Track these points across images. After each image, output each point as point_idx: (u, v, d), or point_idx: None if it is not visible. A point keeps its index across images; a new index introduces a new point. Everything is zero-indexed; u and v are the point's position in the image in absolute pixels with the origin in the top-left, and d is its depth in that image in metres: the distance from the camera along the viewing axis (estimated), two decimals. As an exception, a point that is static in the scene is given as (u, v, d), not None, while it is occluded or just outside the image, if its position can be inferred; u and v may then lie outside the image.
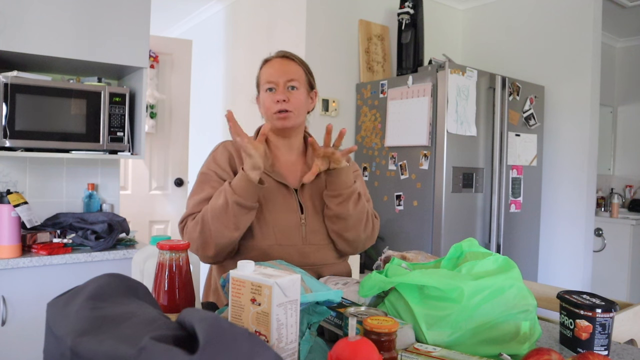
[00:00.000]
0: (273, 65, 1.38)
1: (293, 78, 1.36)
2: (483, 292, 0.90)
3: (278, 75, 1.35)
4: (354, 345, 0.66)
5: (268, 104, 1.35)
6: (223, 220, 1.22)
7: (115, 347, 0.54)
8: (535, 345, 0.93)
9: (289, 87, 1.35)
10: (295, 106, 1.35)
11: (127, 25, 2.21)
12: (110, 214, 2.32)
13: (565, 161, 3.21)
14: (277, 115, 1.34)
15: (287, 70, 1.36)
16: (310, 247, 1.34)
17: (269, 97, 1.35)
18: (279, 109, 1.33)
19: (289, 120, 1.35)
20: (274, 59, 1.39)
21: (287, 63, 1.38)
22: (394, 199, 2.88)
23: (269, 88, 1.35)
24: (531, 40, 3.40)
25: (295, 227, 1.33)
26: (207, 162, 1.40)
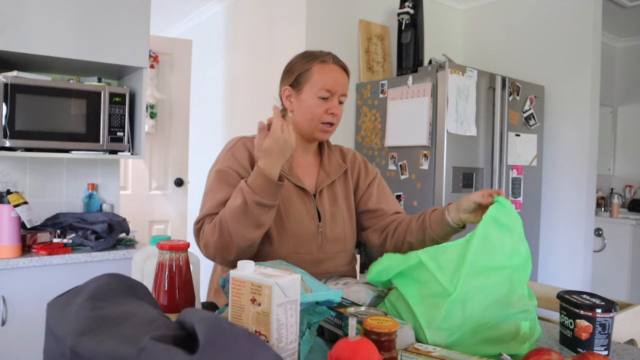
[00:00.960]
0: (333, 73, 1.32)
1: (345, 93, 1.34)
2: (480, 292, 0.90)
3: (337, 86, 1.30)
4: (354, 345, 0.66)
5: (318, 112, 1.29)
6: (243, 222, 1.15)
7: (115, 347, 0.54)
8: (535, 345, 0.93)
9: (339, 102, 1.33)
10: (339, 120, 1.34)
11: (127, 25, 2.21)
12: (110, 214, 2.32)
13: (565, 161, 3.21)
14: (324, 127, 1.31)
15: (344, 83, 1.33)
16: (325, 255, 1.31)
17: (321, 105, 1.29)
18: (330, 121, 1.30)
19: (331, 133, 1.33)
20: (333, 65, 1.33)
21: (344, 75, 1.35)
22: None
23: (324, 96, 1.29)
24: (531, 40, 3.40)
25: (312, 236, 1.29)
26: (225, 158, 1.31)
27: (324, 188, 1.34)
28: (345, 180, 1.41)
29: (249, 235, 1.17)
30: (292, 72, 1.35)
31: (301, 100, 1.32)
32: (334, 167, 1.39)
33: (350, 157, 1.46)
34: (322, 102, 1.29)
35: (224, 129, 3.83)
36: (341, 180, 1.39)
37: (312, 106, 1.29)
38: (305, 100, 1.31)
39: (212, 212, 1.24)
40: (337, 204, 1.35)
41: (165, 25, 4.55)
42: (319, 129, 1.31)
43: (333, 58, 1.35)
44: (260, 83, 3.40)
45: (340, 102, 1.33)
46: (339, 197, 1.36)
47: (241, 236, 1.16)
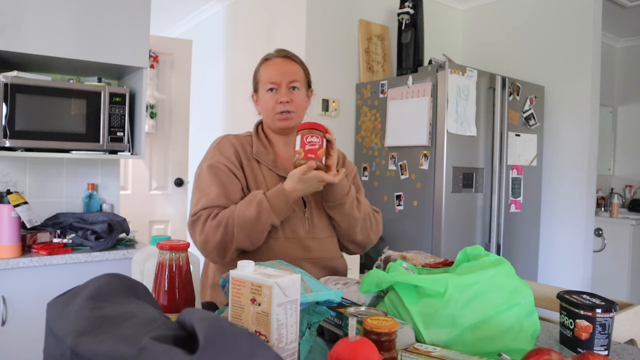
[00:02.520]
0: (274, 65, 1.38)
1: (295, 79, 1.37)
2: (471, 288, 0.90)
3: (280, 75, 1.36)
4: (354, 345, 0.66)
5: (270, 104, 1.36)
6: (250, 233, 1.23)
7: (115, 347, 0.54)
8: (535, 345, 0.93)
9: (290, 88, 1.37)
10: (297, 107, 1.38)
11: (127, 25, 2.21)
12: (110, 214, 2.32)
13: (565, 161, 3.21)
14: (280, 116, 1.36)
15: (289, 70, 1.37)
16: (314, 240, 1.35)
17: (271, 98, 1.36)
18: (282, 110, 1.35)
19: (291, 120, 1.37)
20: (275, 58, 1.40)
21: (289, 63, 1.39)
22: (394, 199, 2.88)
23: (271, 88, 1.36)
24: (531, 40, 3.40)
25: (300, 221, 1.34)
26: (213, 154, 1.37)
27: None
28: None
29: (250, 243, 1.25)
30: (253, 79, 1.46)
31: (260, 100, 1.42)
32: None
33: None
34: (272, 94, 1.36)
35: (224, 129, 3.83)
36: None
37: (265, 101, 1.38)
38: (261, 99, 1.40)
39: (209, 206, 1.28)
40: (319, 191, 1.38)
41: (165, 25, 4.55)
42: (277, 119, 1.37)
43: (276, 52, 1.43)
44: (260, 83, 3.39)
45: (294, 88, 1.37)
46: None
47: (243, 243, 1.24)
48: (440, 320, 0.89)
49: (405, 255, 1.33)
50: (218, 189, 1.29)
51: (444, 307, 0.89)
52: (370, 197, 3.05)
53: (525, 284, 0.95)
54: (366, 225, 1.41)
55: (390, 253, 1.38)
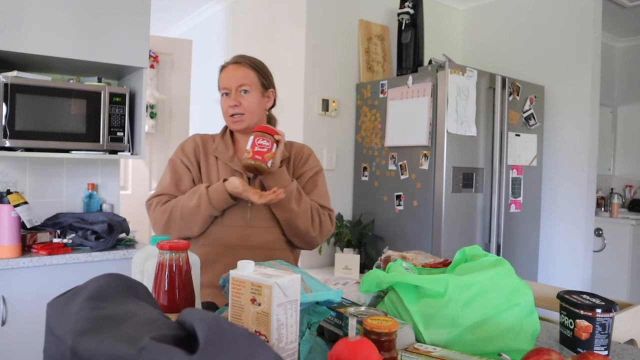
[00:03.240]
0: (227, 71, 1.51)
1: (243, 83, 1.48)
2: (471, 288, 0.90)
3: (230, 81, 1.48)
4: (354, 345, 0.66)
5: (224, 108, 1.50)
6: (190, 222, 1.39)
7: (115, 347, 0.54)
8: (535, 345, 0.93)
9: (241, 92, 1.48)
10: (247, 108, 1.48)
11: (127, 25, 2.21)
12: (110, 214, 2.32)
13: (565, 161, 3.21)
14: (231, 119, 1.49)
15: (238, 75, 1.48)
16: (253, 229, 1.43)
17: (224, 102, 1.50)
18: (232, 113, 1.48)
19: (242, 122, 1.48)
20: (228, 65, 1.52)
21: (239, 68, 1.50)
22: (394, 199, 2.88)
23: (225, 93, 1.50)
24: (531, 40, 3.40)
25: (240, 210, 1.43)
26: (176, 150, 1.55)
27: None
28: (287, 167, 1.54)
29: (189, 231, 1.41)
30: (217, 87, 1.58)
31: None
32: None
33: (296, 148, 1.59)
34: (225, 98, 1.50)
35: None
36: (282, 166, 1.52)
37: (221, 105, 1.52)
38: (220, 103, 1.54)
39: (161, 194, 1.48)
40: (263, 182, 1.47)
41: (165, 25, 4.55)
42: (230, 122, 1.50)
43: (231, 58, 1.54)
44: (260, 83, 3.39)
45: (245, 92, 1.48)
46: None
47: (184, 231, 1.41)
48: (440, 320, 0.89)
49: (405, 255, 1.34)
50: (171, 179, 1.48)
51: (444, 307, 0.89)
52: (371, 197, 3.06)
53: (525, 284, 0.96)
54: (307, 220, 1.44)
55: (390, 253, 1.38)
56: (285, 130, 3.23)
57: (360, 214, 3.06)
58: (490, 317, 0.90)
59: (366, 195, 3.06)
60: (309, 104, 2.95)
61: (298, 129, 2.94)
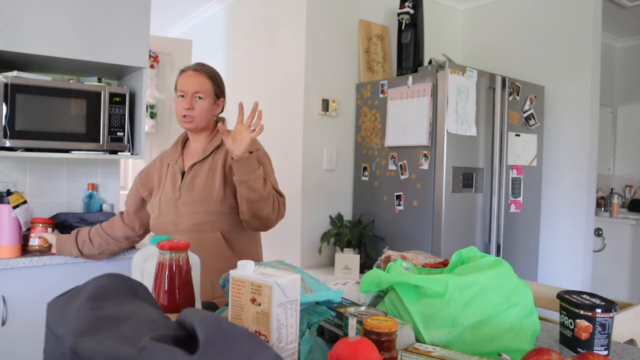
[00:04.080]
0: (186, 77, 1.66)
1: (199, 90, 1.64)
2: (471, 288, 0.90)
3: (188, 86, 1.63)
4: (354, 345, 0.66)
5: (178, 109, 1.65)
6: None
7: (115, 347, 0.54)
8: (535, 345, 0.93)
9: (195, 97, 1.64)
10: (199, 113, 1.64)
11: (127, 25, 2.21)
12: (111, 214, 2.32)
13: (565, 161, 3.21)
14: (183, 119, 1.64)
15: (195, 82, 1.64)
16: (181, 216, 1.59)
17: (179, 103, 1.65)
18: (184, 114, 1.63)
19: (192, 124, 1.64)
20: (188, 71, 1.67)
21: (197, 76, 1.65)
22: (394, 199, 2.88)
23: (181, 95, 1.65)
24: (531, 40, 3.40)
25: (172, 201, 1.62)
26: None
27: (196, 164, 1.65)
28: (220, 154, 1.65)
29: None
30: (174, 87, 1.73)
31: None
32: (210, 146, 1.67)
33: None
34: (180, 100, 1.65)
35: (224, 129, 3.83)
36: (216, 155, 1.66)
37: (175, 105, 1.68)
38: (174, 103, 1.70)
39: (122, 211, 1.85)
40: (201, 174, 1.62)
41: (165, 25, 4.55)
42: (182, 121, 1.65)
43: (192, 65, 1.69)
44: (260, 83, 3.40)
45: (200, 98, 1.64)
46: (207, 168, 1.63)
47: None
48: (440, 320, 0.89)
49: (405, 255, 1.34)
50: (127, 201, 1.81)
51: (444, 307, 0.89)
52: (371, 197, 3.06)
53: (525, 284, 0.96)
54: (269, 204, 1.54)
55: (390, 253, 1.38)
56: (285, 130, 3.23)
57: (360, 214, 3.06)
58: (490, 317, 0.90)
59: (366, 195, 3.06)
60: (309, 104, 2.95)
61: (298, 129, 2.94)
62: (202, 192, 1.60)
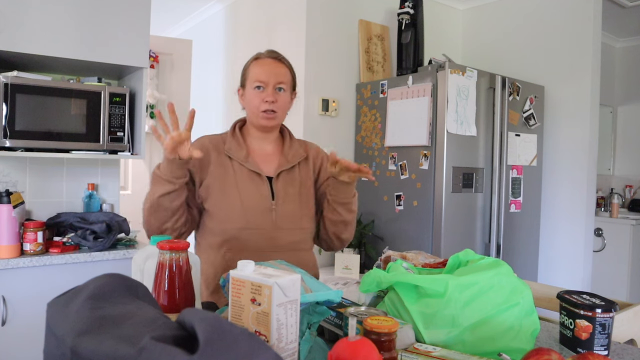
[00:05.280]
0: (264, 65, 1.43)
1: (282, 81, 1.43)
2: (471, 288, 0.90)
3: (269, 76, 1.41)
4: (354, 345, 0.66)
5: (256, 102, 1.42)
6: (157, 201, 1.33)
7: (115, 347, 0.54)
8: (535, 344, 0.93)
9: (277, 89, 1.42)
10: (281, 107, 1.44)
11: (127, 25, 2.21)
12: (111, 214, 2.32)
13: (565, 161, 3.21)
14: (264, 115, 1.42)
15: (278, 72, 1.42)
16: (281, 231, 1.40)
17: (257, 95, 1.41)
18: (267, 109, 1.41)
19: (274, 120, 1.44)
20: (265, 58, 1.45)
21: (278, 65, 1.44)
22: (394, 199, 2.88)
23: (258, 86, 1.41)
24: (531, 40, 3.40)
25: (266, 212, 1.39)
26: None
27: (283, 172, 1.45)
28: (306, 167, 1.51)
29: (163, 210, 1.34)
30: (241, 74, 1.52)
31: (245, 96, 1.47)
32: (295, 155, 1.50)
33: (313, 149, 1.58)
34: (258, 92, 1.41)
35: (224, 128, 3.82)
36: (302, 166, 1.50)
37: (251, 98, 1.43)
38: (247, 95, 1.45)
39: None
40: (294, 185, 1.45)
41: (165, 25, 4.55)
42: (261, 117, 1.42)
43: (267, 52, 1.47)
44: (260, 83, 3.39)
45: (281, 90, 1.43)
46: (297, 180, 1.46)
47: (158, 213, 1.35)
48: (440, 320, 0.89)
49: (405, 255, 1.34)
50: None
51: (444, 307, 0.89)
52: (371, 197, 3.06)
53: (524, 284, 0.96)
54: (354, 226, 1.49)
55: (390, 253, 1.38)
56: (285, 130, 3.21)
57: (360, 214, 3.06)
58: (490, 317, 0.90)
59: (366, 195, 3.06)
60: (309, 104, 2.95)
61: (298, 129, 2.94)
62: (300, 207, 1.44)
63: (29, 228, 1.95)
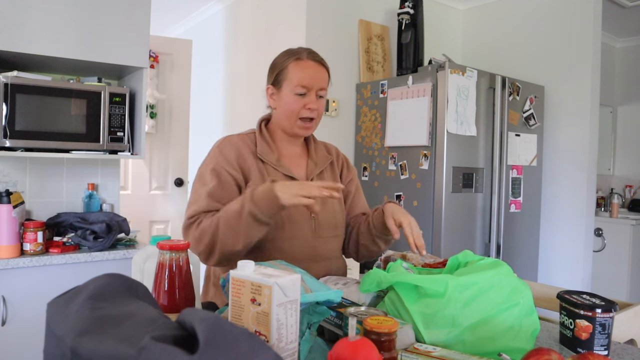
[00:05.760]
0: (308, 68, 1.33)
1: (324, 87, 1.35)
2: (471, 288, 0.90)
3: (313, 81, 1.32)
4: (354, 345, 0.66)
5: (295, 108, 1.32)
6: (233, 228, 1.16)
7: (115, 347, 0.54)
8: (535, 344, 0.93)
9: (318, 96, 1.34)
10: (319, 115, 1.37)
11: (127, 25, 2.21)
12: (111, 214, 2.32)
13: (565, 161, 3.21)
14: (302, 123, 1.34)
15: (320, 77, 1.34)
16: (320, 240, 1.33)
17: (298, 101, 1.32)
18: (308, 116, 1.33)
19: (311, 129, 1.37)
20: (308, 61, 1.34)
21: (320, 70, 1.35)
22: (394, 199, 2.88)
23: (302, 92, 1.31)
24: (531, 40, 3.40)
25: (306, 221, 1.31)
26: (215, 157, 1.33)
27: (314, 177, 1.38)
28: (332, 170, 1.46)
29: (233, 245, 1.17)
30: (273, 70, 1.38)
31: (281, 97, 1.35)
32: (321, 158, 1.44)
33: (334, 150, 1.54)
34: (299, 98, 1.31)
35: (224, 129, 3.83)
36: (329, 171, 1.45)
37: (290, 103, 1.32)
38: (284, 98, 1.34)
39: (210, 209, 1.25)
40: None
41: (165, 25, 4.55)
42: (298, 125, 1.34)
43: (308, 54, 1.36)
44: (260, 83, 3.39)
45: (320, 97, 1.35)
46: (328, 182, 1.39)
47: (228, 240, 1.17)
48: (440, 320, 0.89)
49: (405, 255, 1.34)
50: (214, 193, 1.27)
51: (444, 307, 0.89)
52: (370, 197, 3.05)
53: (524, 284, 0.96)
54: None
55: (391, 253, 1.38)
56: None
57: (360, 214, 3.06)
58: (490, 317, 0.90)
59: (366, 195, 3.04)
60: (309, 104, 2.95)
61: (298, 129, 2.94)
62: (334, 214, 1.37)
63: (29, 228, 1.95)
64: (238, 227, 1.16)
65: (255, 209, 1.14)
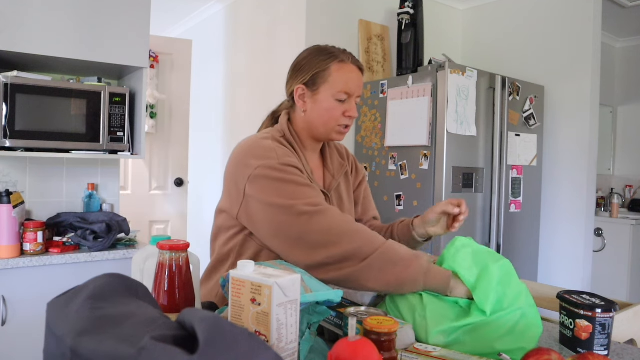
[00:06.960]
0: (352, 73, 1.24)
1: (361, 94, 1.29)
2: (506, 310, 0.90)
3: (356, 88, 1.24)
4: (354, 345, 0.66)
5: (336, 115, 1.22)
6: (388, 271, 1.00)
7: (115, 347, 0.54)
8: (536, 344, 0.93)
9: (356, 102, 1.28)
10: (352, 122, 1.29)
11: (127, 25, 2.21)
12: (111, 214, 2.32)
13: (565, 161, 3.21)
14: (341, 129, 1.25)
15: (361, 84, 1.27)
16: None
17: (339, 107, 1.22)
18: (347, 124, 1.25)
19: (344, 135, 1.29)
20: (352, 65, 1.25)
21: (360, 76, 1.27)
22: (394, 199, 2.88)
23: (341, 99, 1.22)
24: (531, 40, 3.40)
25: None
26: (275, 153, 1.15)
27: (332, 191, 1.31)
28: (347, 181, 1.40)
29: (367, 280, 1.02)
30: (306, 69, 1.26)
31: (317, 101, 1.24)
32: (337, 167, 1.36)
33: (344, 151, 1.48)
34: (340, 104, 1.23)
35: (224, 129, 3.83)
36: (343, 180, 1.38)
37: (329, 108, 1.23)
38: (322, 102, 1.23)
39: (323, 202, 1.11)
40: (344, 199, 1.35)
41: (165, 25, 4.55)
42: (336, 131, 1.25)
43: (352, 57, 1.28)
44: (260, 83, 3.40)
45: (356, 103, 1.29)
46: (344, 196, 1.35)
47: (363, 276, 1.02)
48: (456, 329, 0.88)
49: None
50: (314, 190, 1.13)
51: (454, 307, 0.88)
52: (370, 197, 3.05)
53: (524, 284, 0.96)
54: None
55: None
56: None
57: (360, 214, 3.06)
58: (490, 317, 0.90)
59: (366, 195, 3.06)
60: (309, 104, 2.95)
61: (298, 129, 2.94)
62: None
63: (29, 228, 1.95)
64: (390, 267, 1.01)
65: (426, 281, 1.00)
